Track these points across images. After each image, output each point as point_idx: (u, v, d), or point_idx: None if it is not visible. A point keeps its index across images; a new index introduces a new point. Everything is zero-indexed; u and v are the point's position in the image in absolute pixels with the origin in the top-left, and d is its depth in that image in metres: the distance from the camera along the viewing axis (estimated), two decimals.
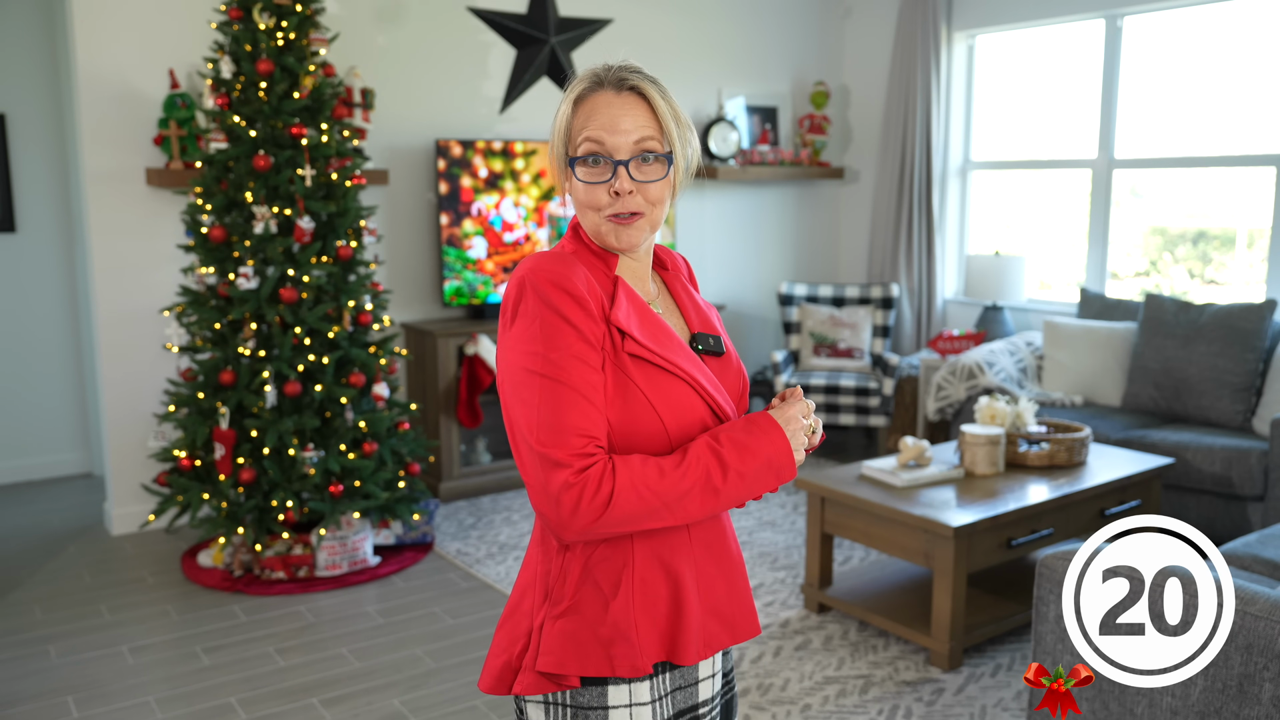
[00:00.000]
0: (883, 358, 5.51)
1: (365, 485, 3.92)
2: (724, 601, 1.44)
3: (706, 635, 1.42)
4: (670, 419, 1.34)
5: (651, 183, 1.36)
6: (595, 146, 1.34)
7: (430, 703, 3.01)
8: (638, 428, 1.33)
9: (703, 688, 1.46)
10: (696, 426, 1.36)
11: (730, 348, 1.48)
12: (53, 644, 3.41)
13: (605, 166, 1.34)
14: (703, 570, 1.42)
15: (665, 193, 1.38)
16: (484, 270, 4.95)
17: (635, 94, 1.36)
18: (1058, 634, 2.15)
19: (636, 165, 1.35)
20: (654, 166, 1.36)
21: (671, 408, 1.34)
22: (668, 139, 1.37)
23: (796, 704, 2.98)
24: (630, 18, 5.44)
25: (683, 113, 1.41)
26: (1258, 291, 4.84)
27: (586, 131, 1.34)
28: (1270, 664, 1.83)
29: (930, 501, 3.30)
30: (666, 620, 1.38)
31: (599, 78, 1.36)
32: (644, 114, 1.35)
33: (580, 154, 1.35)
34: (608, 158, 1.34)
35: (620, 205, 1.35)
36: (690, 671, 1.44)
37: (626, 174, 1.34)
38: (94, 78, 4.21)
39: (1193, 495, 4.12)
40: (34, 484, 5.20)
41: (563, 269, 1.33)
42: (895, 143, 5.87)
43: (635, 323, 1.36)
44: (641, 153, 1.35)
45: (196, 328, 3.89)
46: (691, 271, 1.57)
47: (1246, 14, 4.76)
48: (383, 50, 4.83)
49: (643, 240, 1.40)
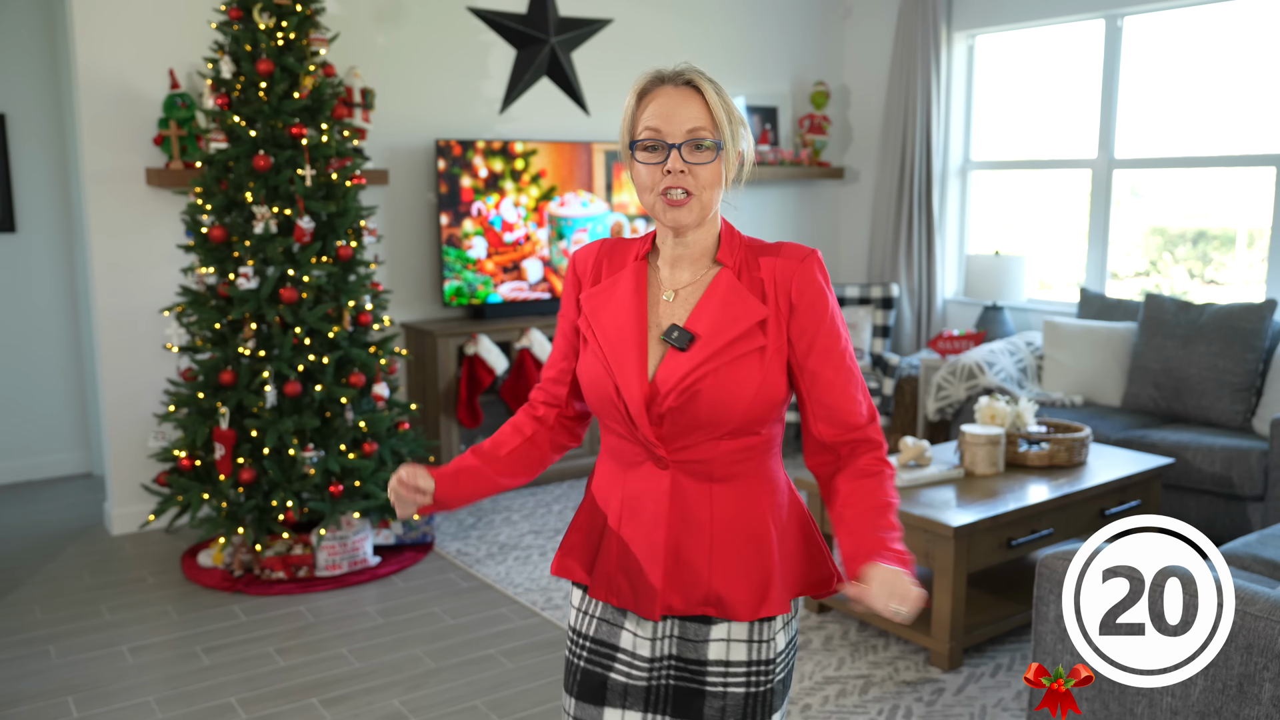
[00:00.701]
0: (883, 358, 5.51)
1: (365, 485, 3.92)
2: (636, 570, 1.54)
3: (612, 584, 1.57)
4: (586, 383, 1.57)
5: (702, 165, 1.49)
6: (653, 133, 1.49)
7: (430, 703, 3.01)
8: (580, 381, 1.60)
9: (625, 636, 1.57)
10: (601, 398, 1.54)
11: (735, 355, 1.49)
12: (53, 644, 3.40)
13: (661, 150, 1.49)
14: (625, 526, 1.56)
15: (715, 178, 1.50)
16: (484, 270, 4.95)
17: (692, 88, 1.50)
18: (1058, 634, 2.15)
19: (689, 150, 1.48)
20: (705, 153, 1.49)
21: (587, 375, 1.57)
22: (719, 131, 1.50)
23: (796, 704, 2.98)
24: (630, 18, 5.44)
25: (737, 111, 1.53)
26: (1258, 291, 4.84)
27: (646, 120, 1.50)
28: (1270, 664, 1.83)
29: (930, 501, 3.30)
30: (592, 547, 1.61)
31: (661, 75, 1.52)
32: (699, 107, 1.49)
33: (641, 138, 1.50)
34: (664, 142, 1.48)
35: (671, 182, 1.48)
36: (617, 613, 1.58)
37: (679, 156, 1.48)
38: (94, 78, 4.21)
39: (1193, 495, 4.11)
40: (34, 484, 5.20)
41: (587, 248, 1.65)
42: (895, 143, 5.87)
43: (598, 301, 1.58)
44: (694, 139, 1.48)
45: (196, 328, 3.88)
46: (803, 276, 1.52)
47: (1246, 14, 4.76)
48: (383, 50, 4.83)
49: (690, 221, 1.51)
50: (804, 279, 1.51)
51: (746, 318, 1.49)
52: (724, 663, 1.54)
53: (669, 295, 1.56)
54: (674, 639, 1.55)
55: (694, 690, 1.55)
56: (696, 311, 1.52)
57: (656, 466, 1.53)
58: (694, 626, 1.55)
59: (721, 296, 1.52)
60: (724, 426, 1.49)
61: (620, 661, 1.57)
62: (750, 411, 1.49)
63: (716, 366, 1.48)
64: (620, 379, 1.51)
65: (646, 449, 1.53)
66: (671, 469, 1.52)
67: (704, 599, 1.52)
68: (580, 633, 1.62)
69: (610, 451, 1.60)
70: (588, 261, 1.63)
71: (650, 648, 1.55)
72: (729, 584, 1.52)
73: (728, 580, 1.52)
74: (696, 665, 1.55)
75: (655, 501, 1.53)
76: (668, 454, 1.52)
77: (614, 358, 1.52)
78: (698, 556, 1.52)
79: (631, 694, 1.56)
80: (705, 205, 1.51)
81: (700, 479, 1.52)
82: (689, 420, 1.49)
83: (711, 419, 1.48)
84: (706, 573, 1.52)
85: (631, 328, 1.53)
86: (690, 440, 1.51)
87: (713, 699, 1.54)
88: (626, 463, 1.57)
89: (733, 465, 1.52)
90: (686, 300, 1.55)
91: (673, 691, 1.56)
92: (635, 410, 1.50)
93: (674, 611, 1.53)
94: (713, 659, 1.54)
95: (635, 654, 1.56)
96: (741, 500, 1.53)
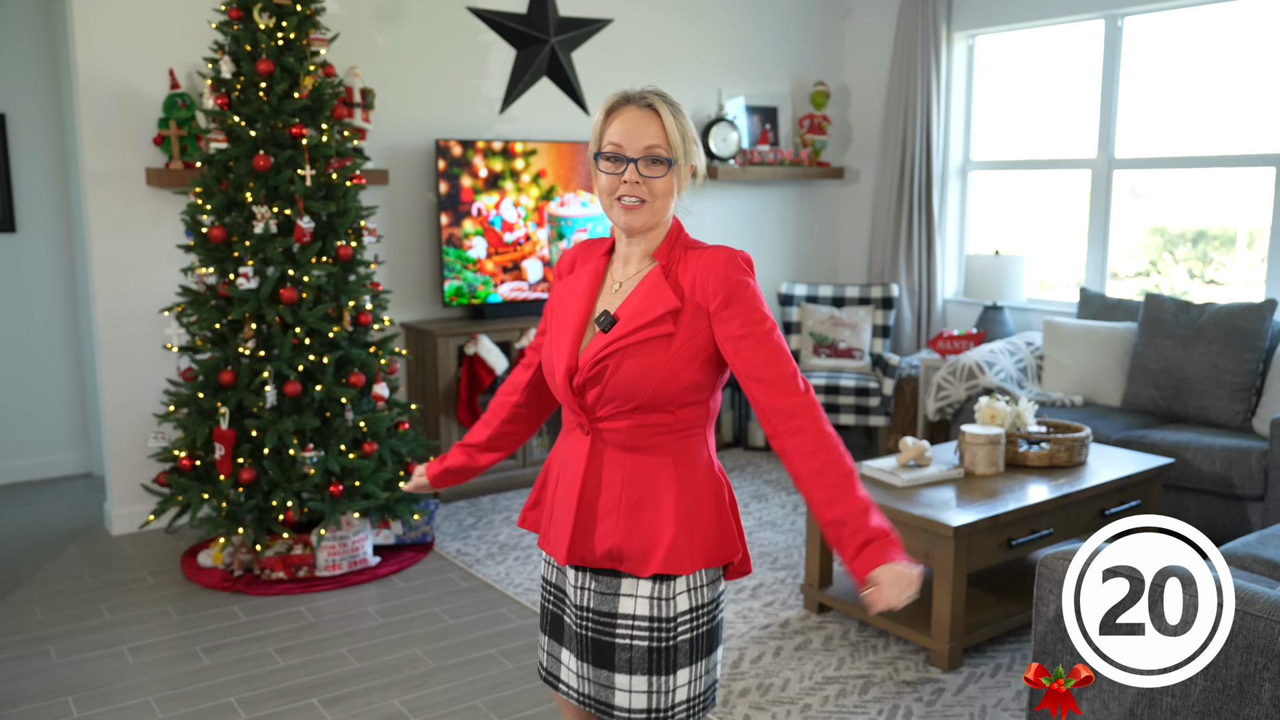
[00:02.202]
0: (883, 358, 5.51)
1: (365, 485, 3.92)
2: (559, 519, 1.80)
3: (547, 535, 1.84)
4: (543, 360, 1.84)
5: (655, 178, 1.71)
6: (615, 147, 1.71)
7: (430, 703, 3.01)
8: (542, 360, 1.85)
9: (570, 580, 1.81)
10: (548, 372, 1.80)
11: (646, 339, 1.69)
12: (53, 644, 3.40)
13: (621, 163, 1.71)
14: (559, 485, 1.82)
15: (667, 189, 1.73)
16: (484, 270, 4.95)
17: (651, 111, 1.71)
18: (1058, 634, 2.15)
19: (645, 164, 1.70)
20: (658, 168, 1.71)
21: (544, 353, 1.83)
22: (673, 150, 1.72)
23: (796, 704, 2.98)
24: (630, 18, 5.44)
25: (691, 131, 1.75)
26: (1258, 291, 4.84)
27: (610, 135, 1.72)
28: (1270, 664, 1.83)
29: (930, 501, 3.30)
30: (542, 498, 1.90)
31: (628, 96, 1.73)
32: (656, 127, 1.71)
33: (604, 151, 1.73)
34: (623, 156, 1.70)
35: (626, 190, 1.70)
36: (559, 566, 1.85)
37: (635, 169, 1.70)
38: (94, 78, 4.21)
39: (1193, 495, 4.11)
40: (34, 484, 5.20)
41: (571, 248, 1.91)
42: (895, 143, 5.87)
43: (564, 293, 1.83)
44: (649, 155, 1.70)
45: (196, 328, 3.88)
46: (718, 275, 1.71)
47: (1246, 14, 4.76)
48: (383, 50, 4.83)
49: (639, 224, 1.73)
50: (722, 275, 1.70)
51: (659, 307, 1.69)
52: (630, 616, 1.74)
53: (615, 286, 1.79)
54: (591, 591, 1.77)
55: (607, 642, 1.75)
56: (626, 301, 1.75)
57: (582, 433, 1.77)
58: (605, 579, 1.76)
59: (646, 289, 1.73)
60: (632, 401, 1.69)
61: (568, 606, 1.82)
62: (659, 391, 1.68)
63: (624, 346, 1.69)
64: (555, 355, 1.77)
65: (576, 419, 1.77)
66: (592, 436, 1.75)
67: (608, 554, 1.74)
68: (545, 578, 1.90)
69: (562, 424, 1.85)
70: (567, 257, 1.90)
71: (578, 595, 1.79)
72: (630, 542, 1.72)
73: (629, 538, 1.72)
74: (608, 618, 1.75)
75: (576, 462, 1.77)
76: (589, 422, 1.75)
77: (558, 339, 1.78)
78: (604, 514, 1.74)
79: (572, 635, 1.81)
80: (656, 212, 1.73)
81: (615, 447, 1.74)
82: (602, 392, 1.71)
83: (621, 393, 1.69)
84: (611, 529, 1.73)
85: (578, 313, 1.78)
86: (605, 411, 1.72)
87: (621, 650, 1.74)
88: (566, 429, 1.83)
89: (646, 438, 1.72)
90: (625, 291, 1.77)
91: (590, 642, 1.77)
92: (560, 381, 1.75)
93: (584, 563, 1.76)
94: (621, 612, 1.74)
95: (572, 602, 1.80)
96: (652, 470, 1.73)
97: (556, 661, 1.86)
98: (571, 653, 1.80)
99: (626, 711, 1.74)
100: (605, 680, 1.75)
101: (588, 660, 1.77)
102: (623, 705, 1.74)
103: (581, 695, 1.80)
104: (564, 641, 1.83)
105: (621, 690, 1.73)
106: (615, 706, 1.74)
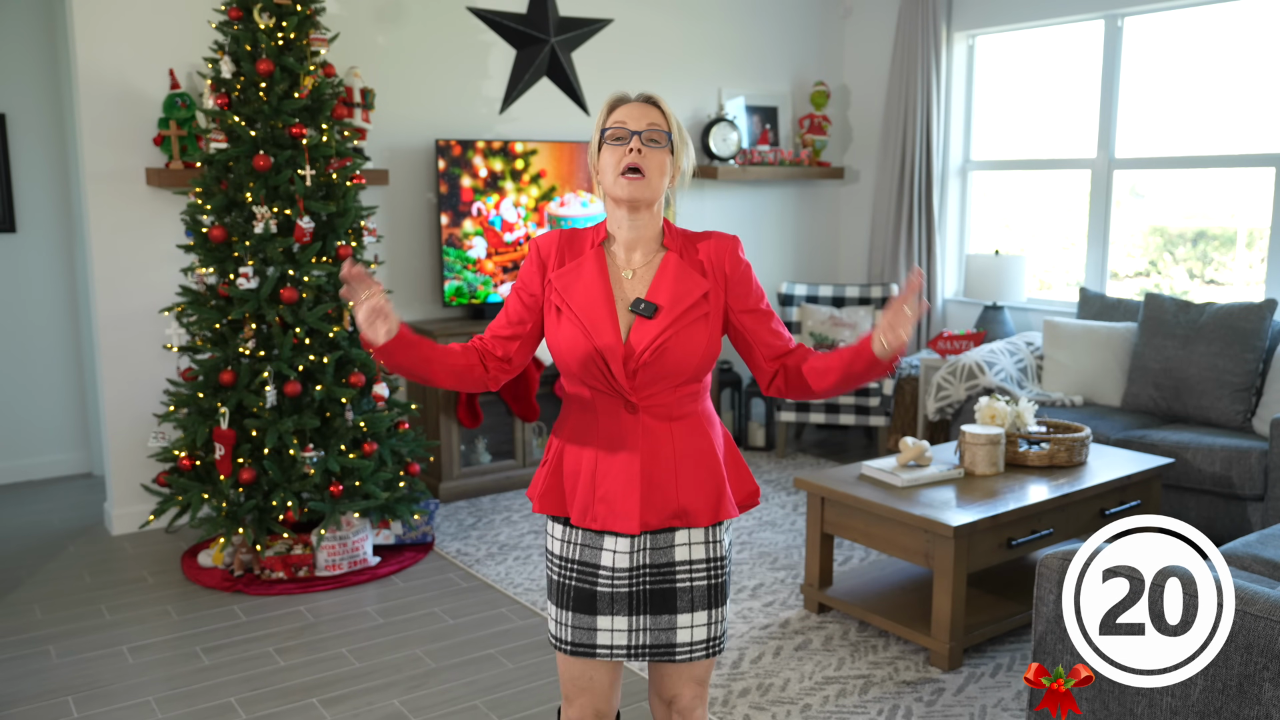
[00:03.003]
0: None
1: (365, 485, 3.92)
2: (611, 494, 1.91)
3: (591, 512, 1.93)
4: (564, 347, 1.91)
5: (655, 151, 1.89)
6: (619, 124, 1.89)
7: (430, 703, 3.01)
8: (557, 351, 1.93)
9: (604, 555, 1.93)
10: (581, 358, 1.88)
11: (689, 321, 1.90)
12: (53, 644, 3.41)
13: (626, 138, 1.88)
14: (600, 465, 1.92)
15: (662, 169, 1.90)
16: (484, 270, 4.95)
17: (652, 104, 1.93)
18: (1058, 634, 2.15)
19: (647, 138, 1.88)
20: (658, 146, 1.89)
21: (565, 340, 1.91)
22: (671, 135, 1.91)
23: (796, 704, 2.98)
24: (630, 18, 5.44)
25: (684, 131, 1.96)
26: (1257, 291, 4.84)
27: (614, 118, 1.90)
28: (1270, 664, 1.83)
29: (930, 501, 3.30)
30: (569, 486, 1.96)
31: (628, 95, 1.94)
32: (657, 114, 1.91)
33: (609, 128, 1.90)
34: (627, 129, 1.88)
35: (631, 160, 1.86)
36: (595, 536, 1.94)
37: (639, 139, 1.88)
38: (94, 78, 4.21)
39: (1193, 495, 4.12)
40: (34, 484, 5.21)
41: (548, 235, 2.00)
42: (895, 143, 5.87)
43: (568, 280, 1.93)
44: (651, 130, 1.89)
45: (196, 328, 3.88)
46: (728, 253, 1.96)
47: (1246, 14, 4.76)
48: (383, 50, 4.83)
49: (642, 196, 1.89)
50: (734, 257, 1.95)
51: (695, 291, 1.91)
52: (688, 562, 1.95)
53: (628, 274, 1.94)
54: (647, 550, 1.94)
55: (668, 589, 1.95)
56: (654, 287, 1.91)
57: (627, 412, 1.91)
58: (662, 536, 1.94)
59: (673, 274, 1.92)
60: (681, 376, 1.90)
61: (602, 577, 1.94)
62: (701, 364, 1.91)
63: (678, 330, 1.88)
64: (599, 342, 1.87)
65: (620, 398, 1.90)
66: (640, 413, 1.90)
67: (673, 513, 1.93)
68: (565, 558, 1.98)
69: (581, 406, 1.95)
70: (550, 247, 1.97)
71: (629, 559, 1.93)
72: (692, 499, 1.93)
73: (691, 496, 1.93)
74: (667, 567, 1.95)
75: (628, 439, 1.91)
76: (638, 401, 1.90)
77: (591, 326, 1.88)
78: (666, 480, 1.92)
79: (617, 600, 1.94)
80: (654, 189, 1.90)
81: (662, 419, 1.92)
82: (656, 372, 1.88)
83: (673, 371, 1.89)
84: (674, 492, 1.92)
85: (603, 301, 1.90)
86: (654, 389, 1.90)
87: (683, 593, 1.95)
88: (599, 413, 1.93)
89: (684, 406, 1.94)
90: (643, 278, 1.94)
91: (649, 594, 1.95)
92: (615, 366, 1.87)
93: (649, 527, 1.91)
94: (679, 560, 1.95)
95: (615, 568, 1.93)
96: (693, 433, 1.95)
97: (591, 631, 1.96)
98: (618, 615, 1.94)
99: (689, 646, 1.96)
100: (666, 624, 1.96)
101: (645, 613, 1.95)
102: (684, 641, 1.96)
103: (634, 648, 1.96)
104: (601, 610, 1.95)
105: (684, 628, 1.96)
106: (678, 645, 1.96)
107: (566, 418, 1.99)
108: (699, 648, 1.97)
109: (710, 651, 1.99)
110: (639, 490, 1.89)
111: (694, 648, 1.97)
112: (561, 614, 1.98)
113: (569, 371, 1.93)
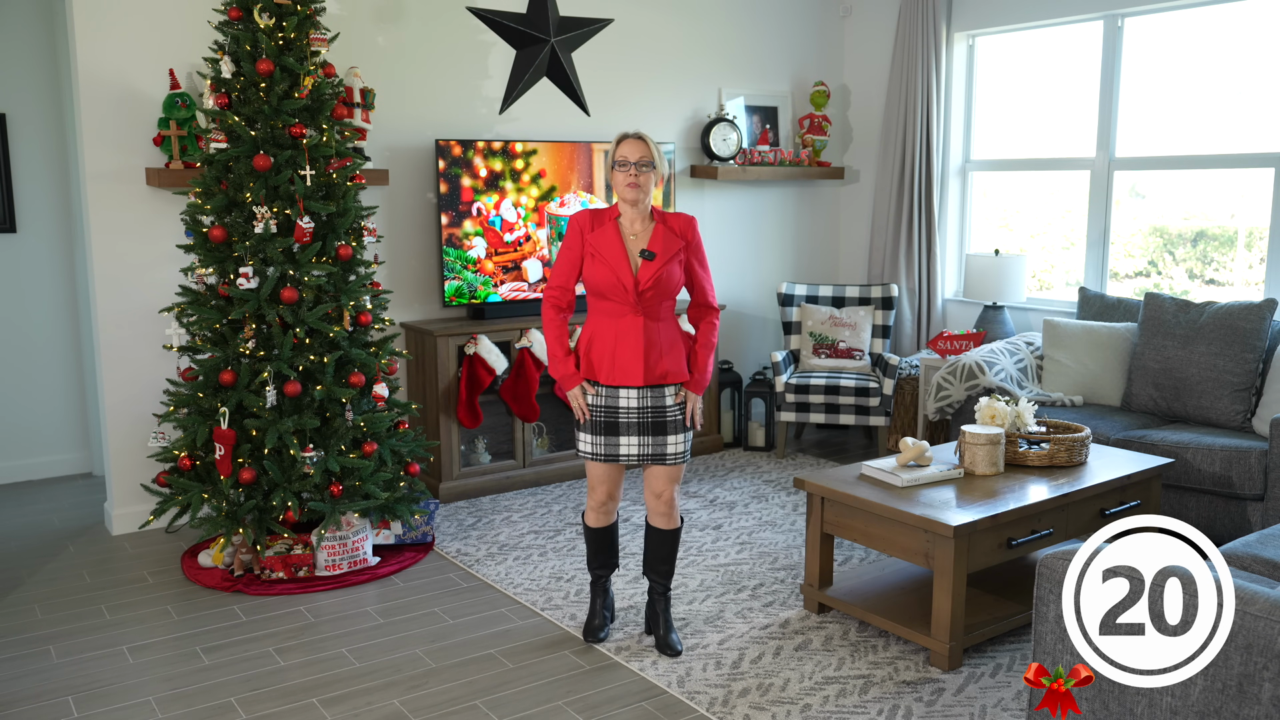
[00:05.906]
0: (883, 358, 5.51)
1: (365, 485, 3.92)
2: (626, 363, 3.14)
3: (614, 374, 3.16)
4: (599, 280, 3.14)
5: (645, 174, 3.14)
6: (624, 158, 3.14)
7: (430, 703, 3.01)
8: (591, 281, 3.16)
9: (622, 399, 3.17)
10: (612, 285, 3.12)
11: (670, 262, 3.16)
12: (53, 644, 3.41)
13: (628, 167, 3.13)
14: (618, 346, 3.14)
15: (650, 180, 3.15)
16: (484, 270, 4.95)
17: (641, 140, 3.15)
18: (1058, 634, 2.15)
19: (639, 167, 3.14)
20: (646, 169, 3.14)
21: (601, 275, 3.14)
22: (654, 159, 3.15)
23: (796, 704, 2.98)
24: (630, 18, 5.44)
25: (661, 152, 3.19)
26: (1257, 291, 4.84)
27: (620, 153, 3.15)
28: (1270, 664, 1.83)
29: (930, 501, 3.30)
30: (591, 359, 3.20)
31: (627, 134, 3.18)
32: (645, 149, 3.15)
33: (618, 160, 3.15)
34: (629, 162, 3.13)
35: (631, 181, 3.13)
36: (615, 391, 3.18)
37: (635, 169, 3.13)
38: (94, 78, 4.21)
39: (1193, 495, 4.12)
40: (34, 484, 5.21)
41: (583, 213, 3.23)
42: (895, 143, 5.87)
43: (597, 238, 3.15)
44: (642, 161, 3.13)
45: (196, 328, 3.88)
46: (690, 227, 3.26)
47: (1247, 14, 4.76)
48: (383, 50, 4.83)
49: (637, 201, 3.15)
50: (693, 229, 3.24)
51: (675, 245, 3.18)
52: (674, 406, 3.20)
53: (634, 236, 3.17)
54: (649, 396, 3.17)
55: (662, 421, 3.19)
56: (651, 243, 3.16)
57: (634, 315, 3.13)
58: (656, 390, 3.18)
59: (662, 236, 3.17)
60: (668, 296, 3.17)
61: (623, 412, 3.18)
62: (676, 287, 3.18)
63: (667, 268, 3.14)
64: (622, 277, 3.11)
65: (631, 308, 3.13)
66: (642, 316, 3.14)
67: (661, 375, 3.16)
68: (597, 405, 3.19)
69: (603, 314, 3.17)
70: (586, 220, 3.20)
71: (637, 401, 3.17)
72: (672, 366, 3.18)
73: (669, 365, 3.17)
74: (661, 408, 3.19)
75: (635, 331, 3.14)
76: (642, 310, 3.14)
77: (615, 266, 3.12)
78: (657, 356, 3.15)
79: (631, 427, 3.18)
80: (647, 194, 3.16)
81: (652, 319, 3.16)
82: (654, 294, 3.13)
83: (664, 293, 3.15)
84: (661, 362, 3.16)
85: (621, 252, 3.14)
86: (653, 303, 3.15)
87: (672, 424, 3.20)
88: (616, 316, 3.14)
89: (665, 313, 3.19)
90: (643, 238, 3.17)
91: (652, 424, 3.19)
92: (630, 289, 3.11)
93: (648, 382, 3.14)
94: (669, 404, 3.19)
95: (630, 406, 3.17)
96: (669, 329, 3.20)
97: (615, 445, 3.19)
98: (631, 436, 3.17)
99: (674, 455, 3.21)
100: (660, 443, 3.19)
101: (648, 435, 3.18)
102: (674, 451, 3.21)
103: (643, 455, 3.19)
104: (621, 433, 3.17)
105: (673, 444, 3.20)
106: (669, 454, 3.20)
107: (591, 323, 3.19)
108: (680, 457, 3.22)
109: (683, 460, 3.23)
110: (642, 361, 3.13)
111: (677, 457, 3.22)
112: (596, 438, 3.20)
113: (600, 294, 3.13)
